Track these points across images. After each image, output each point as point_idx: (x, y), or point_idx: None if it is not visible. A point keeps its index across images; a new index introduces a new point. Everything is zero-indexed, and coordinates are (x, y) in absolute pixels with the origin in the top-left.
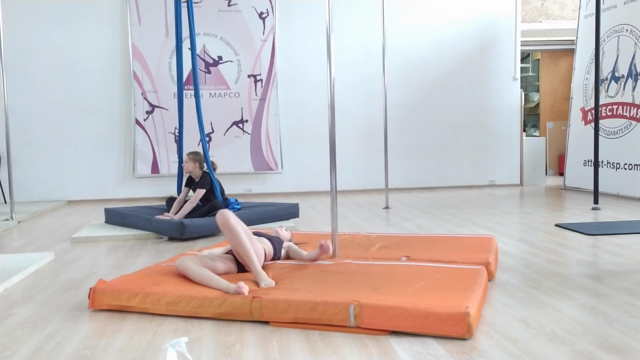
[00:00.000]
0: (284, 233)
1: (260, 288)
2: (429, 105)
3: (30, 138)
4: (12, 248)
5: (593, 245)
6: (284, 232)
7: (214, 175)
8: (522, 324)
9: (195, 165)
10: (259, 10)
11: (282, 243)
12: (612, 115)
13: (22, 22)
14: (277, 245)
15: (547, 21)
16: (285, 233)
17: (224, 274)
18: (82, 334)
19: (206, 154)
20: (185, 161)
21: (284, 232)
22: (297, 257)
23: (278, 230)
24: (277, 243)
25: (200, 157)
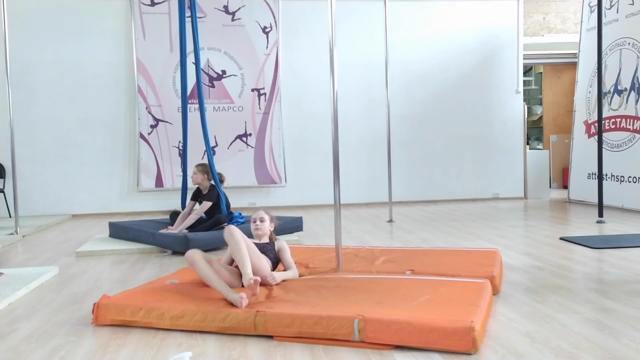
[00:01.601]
0: (265, 224)
1: (245, 286)
2: (432, 118)
3: (35, 152)
4: (17, 262)
5: (598, 258)
6: (265, 219)
7: (221, 189)
8: (527, 338)
9: (204, 177)
10: (263, 24)
11: (273, 248)
12: (615, 128)
13: (28, 37)
14: (271, 255)
15: (549, 35)
16: (266, 223)
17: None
18: (86, 348)
19: (212, 167)
20: (194, 172)
21: (266, 223)
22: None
23: (259, 223)
24: (270, 252)
25: (208, 169)
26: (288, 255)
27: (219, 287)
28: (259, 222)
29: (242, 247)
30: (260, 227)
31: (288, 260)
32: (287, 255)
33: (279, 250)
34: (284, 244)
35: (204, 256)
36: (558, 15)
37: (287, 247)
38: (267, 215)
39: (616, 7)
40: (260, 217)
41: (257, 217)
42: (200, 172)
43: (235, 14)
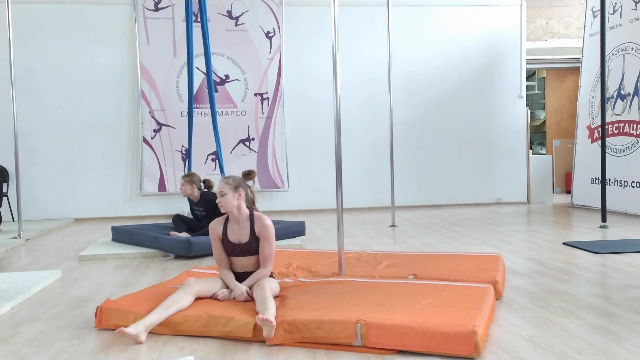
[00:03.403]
0: (227, 197)
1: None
2: (435, 123)
3: (38, 156)
4: (20, 266)
5: (601, 263)
6: (226, 192)
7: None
8: (530, 343)
9: (193, 187)
10: (266, 29)
11: (255, 234)
12: (618, 133)
13: (33, 42)
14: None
15: (552, 40)
16: (227, 196)
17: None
18: (88, 352)
19: (222, 169)
20: (182, 184)
21: (227, 196)
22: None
23: (219, 198)
24: (255, 243)
25: (196, 177)
26: (269, 243)
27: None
28: (219, 197)
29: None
30: (221, 203)
31: (266, 251)
32: (267, 244)
33: (259, 236)
34: (265, 226)
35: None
36: (561, 20)
37: (268, 230)
38: (228, 186)
39: (619, 12)
40: (220, 192)
41: (217, 192)
42: (188, 183)
43: (239, 19)
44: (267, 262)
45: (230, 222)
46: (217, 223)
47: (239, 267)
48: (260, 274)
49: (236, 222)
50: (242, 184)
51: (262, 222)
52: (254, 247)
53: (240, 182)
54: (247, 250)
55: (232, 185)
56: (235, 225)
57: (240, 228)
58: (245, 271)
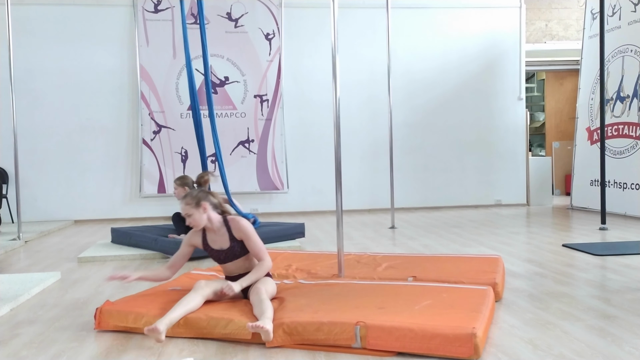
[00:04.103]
0: (194, 217)
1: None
2: (434, 125)
3: (37, 158)
4: (19, 268)
5: (601, 265)
6: (191, 213)
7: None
8: (530, 345)
9: (185, 189)
10: (265, 31)
11: (235, 239)
12: (618, 135)
13: (32, 44)
14: (238, 250)
15: (552, 42)
16: (194, 216)
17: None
18: (88, 354)
19: (222, 172)
20: (175, 188)
21: (194, 216)
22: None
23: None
24: (236, 248)
25: (188, 180)
26: (253, 241)
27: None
28: (187, 219)
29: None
30: (191, 224)
31: (254, 248)
32: (252, 242)
33: (240, 238)
34: (241, 228)
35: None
36: (560, 22)
37: (246, 230)
38: (190, 205)
39: (618, 14)
40: (185, 214)
41: (183, 215)
42: (181, 187)
43: (238, 20)
44: (262, 256)
45: (208, 232)
46: (195, 234)
47: (231, 272)
48: (262, 267)
49: (213, 232)
50: (202, 195)
51: (236, 225)
52: (237, 251)
53: (199, 195)
54: (231, 255)
55: (194, 203)
56: (213, 235)
57: (218, 236)
58: (238, 274)
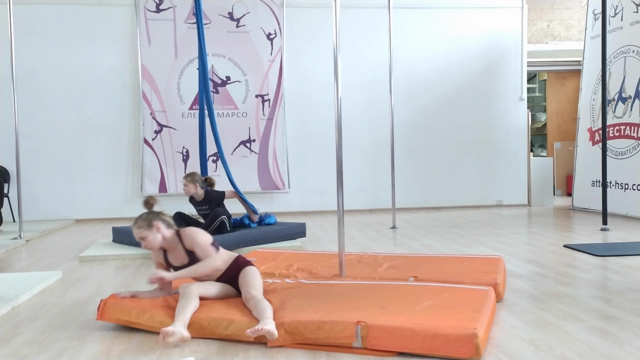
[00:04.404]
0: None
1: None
2: (435, 125)
3: (39, 157)
4: (20, 267)
5: (602, 266)
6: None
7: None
8: (531, 346)
9: (196, 186)
10: (267, 31)
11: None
12: (619, 135)
13: (34, 43)
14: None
15: (554, 42)
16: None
17: (221, 297)
18: (89, 353)
19: (227, 170)
20: (185, 184)
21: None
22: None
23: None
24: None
25: (197, 176)
26: (199, 245)
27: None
28: (142, 244)
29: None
30: (147, 246)
31: (200, 254)
32: (198, 247)
33: (191, 248)
34: (188, 236)
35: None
36: (562, 22)
37: (192, 236)
38: (142, 228)
39: (620, 15)
40: (139, 238)
41: (138, 239)
42: (191, 182)
43: (240, 20)
44: (212, 256)
45: (168, 251)
46: (157, 255)
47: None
48: (204, 263)
49: (172, 250)
50: (152, 217)
51: (185, 235)
52: (196, 261)
53: (149, 217)
54: (182, 266)
55: (146, 225)
56: (173, 252)
57: (176, 252)
58: (209, 280)
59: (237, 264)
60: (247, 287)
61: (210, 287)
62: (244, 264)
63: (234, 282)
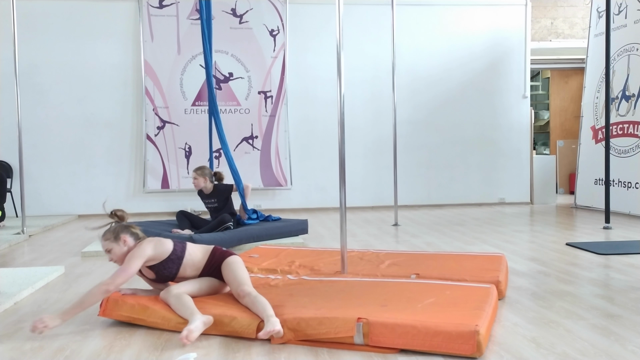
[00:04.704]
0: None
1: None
2: (438, 123)
3: (42, 152)
4: (23, 262)
5: (604, 264)
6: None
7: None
8: (533, 344)
9: (205, 179)
10: (270, 27)
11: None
12: (623, 134)
13: (37, 38)
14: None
15: (557, 40)
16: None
17: (212, 293)
18: (91, 348)
19: (232, 166)
20: (195, 177)
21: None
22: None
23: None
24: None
25: (207, 170)
26: (124, 263)
27: (185, 314)
28: (109, 255)
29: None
30: (114, 259)
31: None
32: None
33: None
34: (131, 251)
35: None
36: (566, 20)
37: (131, 253)
38: (109, 241)
39: (624, 13)
40: (106, 251)
41: (105, 251)
42: (201, 176)
43: (243, 16)
44: (112, 275)
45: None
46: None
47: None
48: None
49: None
50: (120, 229)
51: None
52: (158, 273)
53: (117, 229)
54: (159, 279)
55: (112, 237)
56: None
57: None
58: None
59: (214, 257)
60: (238, 284)
61: (188, 286)
62: (223, 254)
63: (217, 274)
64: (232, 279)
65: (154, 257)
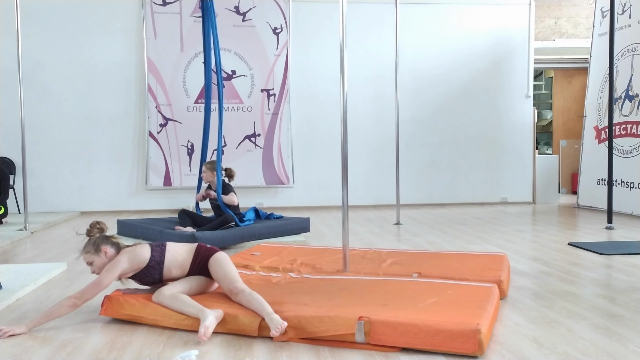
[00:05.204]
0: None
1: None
2: (441, 122)
3: (45, 149)
4: (25, 258)
5: (606, 264)
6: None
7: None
8: (534, 343)
9: (214, 174)
10: (273, 25)
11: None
12: (626, 134)
13: (40, 35)
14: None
15: (561, 39)
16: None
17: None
18: (93, 345)
19: (218, 166)
20: (204, 171)
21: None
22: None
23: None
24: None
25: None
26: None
27: (190, 312)
28: (91, 268)
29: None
30: (96, 271)
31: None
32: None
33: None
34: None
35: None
36: (570, 20)
37: (111, 262)
38: (90, 254)
39: (628, 13)
40: (88, 263)
41: (87, 264)
42: (210, 170)
43: (246, 14)
44: (84, 289)
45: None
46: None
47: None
48: (59, 304)
49: None
50: (100, 240)
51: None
52: (142, 279)
53: (96, 241)
54: (145, 284)
55: (93, 250)
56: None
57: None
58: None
59: (199, 254)
60: (229, 281)
61: (178, 286)
62: (208, 251)
63: (204, 271)
64: (222, 276)
65: (129, 268)
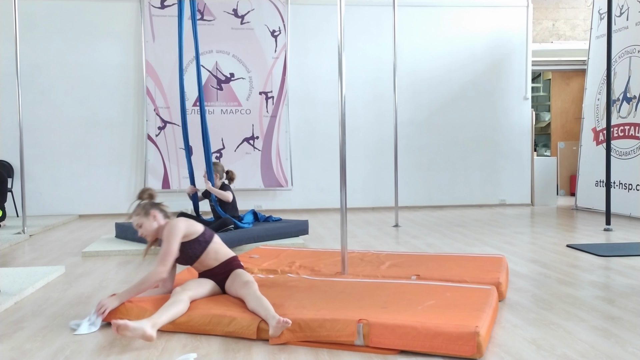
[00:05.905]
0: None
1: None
2: (439, 124)
3: (43, 152)
4: (23, 261)
5: (605, 266)
6: (142, 223)
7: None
8: (533, 345)
9: (216, 176)
10: (272, 28)
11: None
12: (624, 135)
13: (38, 38)
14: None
15: (559, 41)
16: (144, 225)
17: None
18: (91, 348)
19: (210, 168)
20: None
21: (144, 225)
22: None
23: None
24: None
25: (219, 167)
26: (164, 243)
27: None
28: (139, 231)
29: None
30: (143, 234)
31: (160, 251)
32: (162, 244)
33: (162, 238)
34: (164, 229)
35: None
36: (567, 22)
37: (167, 230)
38: (139, 216)
39: (626, 15)
40: (136, 225)
41: (135, 227)
42: (217, 173)
43: (245, 17)
44: (159, 260)
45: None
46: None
47: (200, 270)
48: (145, 278)
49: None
50: (150, 205)
51: (166, 226)
52: (185, 253)
53: (146, 205)
54: (184, 259)
55: (143, 213)
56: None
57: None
58: (209, 269)
59: (232, 264)
60: (250, 289)
61: (200, 289)
62: (238, 265)
63: (223, 280)
64: (245, 294)
65: (186, 234)
